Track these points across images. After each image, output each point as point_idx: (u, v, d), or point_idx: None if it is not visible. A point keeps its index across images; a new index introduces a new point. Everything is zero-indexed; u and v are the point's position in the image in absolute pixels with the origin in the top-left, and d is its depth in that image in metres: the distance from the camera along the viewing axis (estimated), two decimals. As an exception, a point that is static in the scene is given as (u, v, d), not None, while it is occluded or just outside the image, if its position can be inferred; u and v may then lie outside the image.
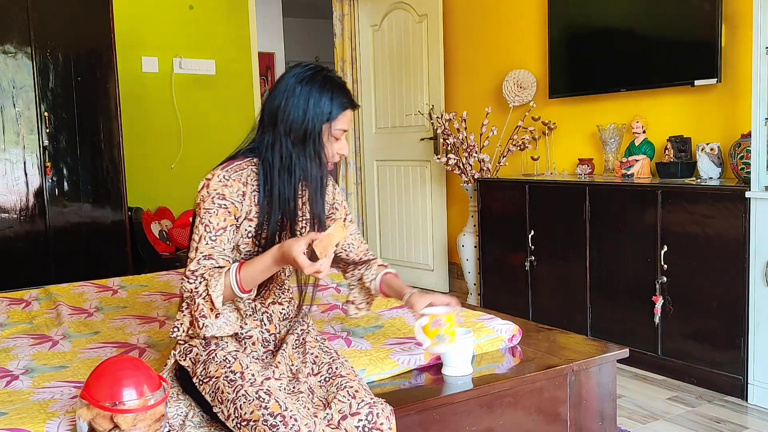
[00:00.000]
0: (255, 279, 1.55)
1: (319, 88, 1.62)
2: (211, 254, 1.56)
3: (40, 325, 2.31)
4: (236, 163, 1.64)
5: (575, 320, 3.50)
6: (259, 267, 1.53)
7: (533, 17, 4.26)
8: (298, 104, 1.61)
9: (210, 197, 1.59)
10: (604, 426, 1.95)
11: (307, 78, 1.63)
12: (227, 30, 5.24)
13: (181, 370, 1.63)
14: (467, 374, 1.79)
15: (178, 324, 1.63)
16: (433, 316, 1.70)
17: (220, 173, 1.61)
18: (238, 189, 1.61)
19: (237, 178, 1.61)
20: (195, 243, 1.58)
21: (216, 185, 1.59)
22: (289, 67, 1.68)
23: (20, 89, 3.75)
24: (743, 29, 3.14)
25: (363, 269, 1.87)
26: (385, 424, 1.43)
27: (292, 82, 1.62)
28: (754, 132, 2.75)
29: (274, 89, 1.65)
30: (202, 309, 1.54)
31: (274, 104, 1.63)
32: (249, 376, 1.47)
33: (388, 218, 5.37)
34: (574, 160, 4.03)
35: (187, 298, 1.57)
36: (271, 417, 1.36)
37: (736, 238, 2.82)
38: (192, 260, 1.56)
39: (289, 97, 1.61)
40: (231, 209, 1.59)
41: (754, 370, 2.80)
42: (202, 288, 1.53)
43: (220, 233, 1.58)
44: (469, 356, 1.80)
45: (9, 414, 1.52)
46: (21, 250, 3.79)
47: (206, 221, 1.58)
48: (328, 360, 1.64)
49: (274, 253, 1.52)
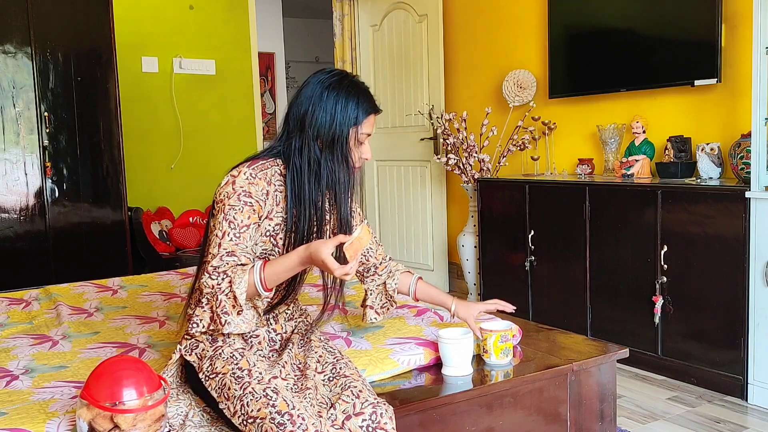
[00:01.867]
0: (279, 278, 1.55)
1: (346, 94, 1.65)
2: (234, 251, 1.56)
3: (40, 325, 2.31)
4: (261, 162, 1.65)
5: (575, 320, 3.50)
6: (284, 266, 1.54)
7: (533, 17, 4.26)
8: (325, 109, 1.63)
9: (236, 194, 1.59)
10: (604, 426, 1.95)
11: (334, 83, 1.65)
12: (227, 30, 5.24)
13: (187, 365, 1.63)
14: (467, 374, 1.79)
15: (197, 320, 1.59)
16: (500, 334, 1.83)
17: (247, 170, 1.62)
18: (263, 188, 1.62)
19: (263, 177, 1.62)
20: (218, 239, 1.56)
21: (243, 182, 1.60)
22: (312, 74, 1.71)
23: (20, 89, 3.75)
24: (743, 29, 3.14)
25: (385, 276, 1.94)
26: (389, 424, 1.44)
27: (318, 89, 1.65)
28: (754, 132, 2.75)
29: (299, 95, 1.68)
30: (224, 305, 1.53)
31: (300, 110, 1.65)
32: (256, 374, 1.48)
33: (388, 218, 5.37)
34: (574, 160, 4.03)
35: (208, 294, 1.55)
36: (278, 415, 1.36)
37: (736, 238, 2.82)
38: (215, 256, 1.55)
39: (317, 102, 1.64)
40: (256, 207, 1.60)
41: (754, 370, 2.80)
42: (225, 284, 1.52)
43: (244, 230, 1.58)
44: (469, 356, 1.80)
45: (9, 414, 1.52)
46: (21, 250, 3.79)
47: (231, 217, 1.57)
48: (332, 360, 1.65)
49: (301, 253, 1.53)
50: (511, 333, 1.87)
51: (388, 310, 1.96)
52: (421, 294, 1.97)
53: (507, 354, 1.84)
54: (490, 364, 1.85)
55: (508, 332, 1.85)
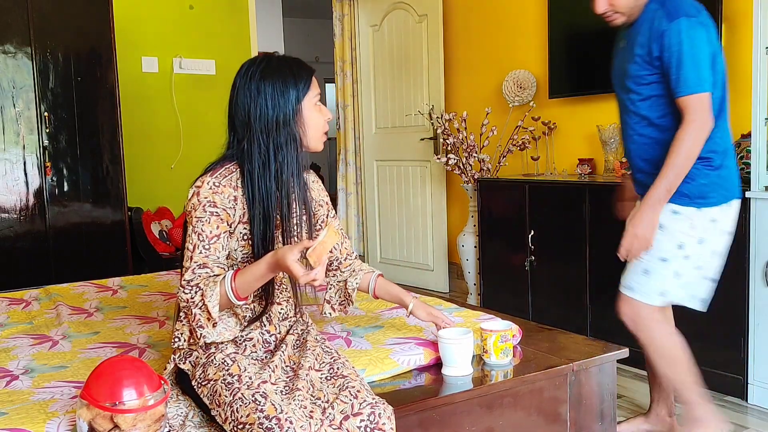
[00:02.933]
0: (250, 286, 1.54)
1: (280, 75, 1.62)
2: (205, 263, 1.56)
3: (40, 325, 2.31)
4: (224, 168, 1.64)
5: (575, 320, 3.49)
6: (254, 275, 1.52)
7: (533, 17, 4.26)
8: (266, 100, 1.61)
9: (201, 205, 1.58)
10: (604, 426, 1.95)
11: (263, 71, 1.62)
12: (227, 30, 5.24)
13: (182, 373, 1.63)
14: (467, 374, 1.79)
15: (178, 334, 1.63)
16: (499, 334, 1.83)
17: (210, 180, 1.60)
18: (229, 194, 1.60)
19: (227, 183, 1.61)
20: (189, 252, 1.57)
21: (206, 192, 1.58)
22: (237, 74, 1.67)
23: (20, 89, 3.75)
24: (743, 29, 3.14)
25: (347, 273, 1.89)
26: (387, 425, 1.43)
27: (252, 85, 1.62)
28: (754, 132, 2.75)
29: (234, 99, 1.65)
30: (199, 319, 1.54)
31: (243, 112, 1.63)
32: (246, 379, 1.47)
33: (388, 218, 5.37)
34: (574, 160, 4.03)
35: (184, 308, 1.56)
36: (266, 420, 1.35)
37: (736, 238, 2.81)
38: (187, 270, 1.55)
39: (255, 98, 1.61)
40: (223, 216, 1.59)
41: (754, 370, 2.80)
42: (198, 298, 1.52)
43: (214, 241, 1.57)
44: (469, 356, 1.80)
45: (9, 414, 1.52)
46: (21, 250, 3.79)
47: (199, 230, 1.57)
48: (329, 360, 1.63)
49: (268, 260, 1.51)
50: (510, 333, 1.87)
51: (345, 308, 1.89)
52: (380, 291, 1.91)
53: (507, 354, 1.84)
54: (490, 364, 1.85)
55: (507, 332, 1.85)
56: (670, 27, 2.09)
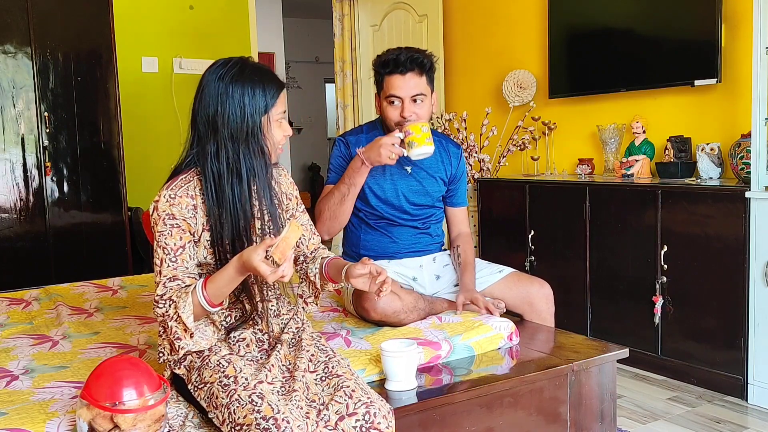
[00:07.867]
0: (222, 292, 1.53)
1: (251, 82, 1.61)
2: (175, 275, 1.55)
3: (40, 325, 2.31)
4: (180, 178, 1.62)
5: (575, 320, 3.49)
6: (224, 279, 1.52)
7: (533, 17, 4.26)
8: (233, 104, 1.59)
9: (161, 219, 1.58)
10: (604, 426, 1.95)
11: (236, 75, 1.61)
12: (227, 30, 5.24)
13: (178, 378, 1.63)
14: (411, 388, 1.71)
15: (161, 349, 1.65)
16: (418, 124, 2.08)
17: (166, 193, 1.60)
18: (186, 204, 1.59)
19: (184, 194, 1.60)
20: (158, 267, 1.57)
21: (164, 206, 1.58)
22: (207, 70, 1.65)
23: (20, 89, 3.75)
24: (743, 29, 3.14)
25: (309, 263, 1.82)
26: (382, 423, 1.42)
27: (222, 85, 1.60)
28: (754, 132, 2.75)
29: (201, 96, 1.62)
30: (176, 332, 1.54)
31: (209, 111, 1.60)
32: (242, 380, 1.46)
33: (388, 218, 5.36)
34: (574, 160, 4.03)
35: (161, 323, 1.57)
36: (263, 420, 1.35)
37: (736, 238, 2.82)
38: (158, 284, 1.55)
39: (224, 99, 1.59)
40: (184, 226, 1.58)
41: (754, 370, 2.80)
42: (172, 311, 1.52)
43: (180, 252, 1.57)
44: (413, 369, 1.72)
45: (9, 414, 1.52)
46: (21, 250, 3.78)
47: (163, 243, 1.57)
48: (324, 359, 1.61)
49: (235, 264, 1.50)
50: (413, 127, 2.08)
51: (316, 298, 1.82)
52: (330, 268, 1.75)
53: (430, 141, 2.07)
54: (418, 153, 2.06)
55: (409, 127, 2.08)
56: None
